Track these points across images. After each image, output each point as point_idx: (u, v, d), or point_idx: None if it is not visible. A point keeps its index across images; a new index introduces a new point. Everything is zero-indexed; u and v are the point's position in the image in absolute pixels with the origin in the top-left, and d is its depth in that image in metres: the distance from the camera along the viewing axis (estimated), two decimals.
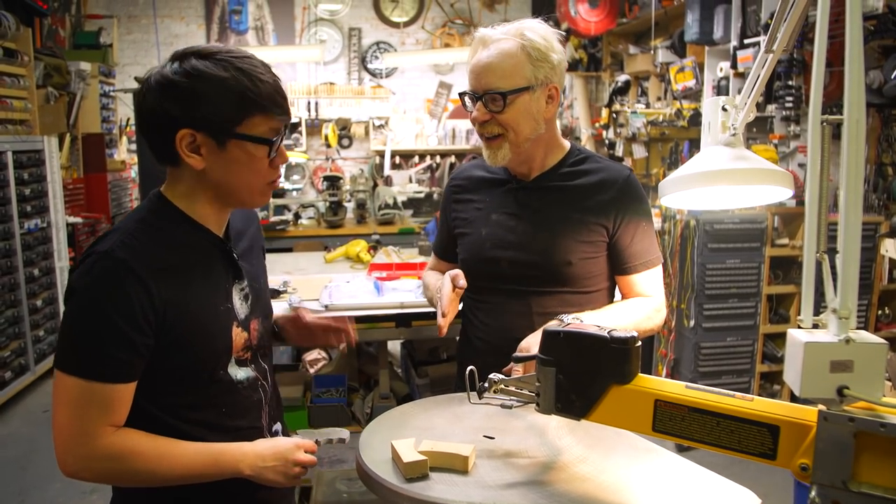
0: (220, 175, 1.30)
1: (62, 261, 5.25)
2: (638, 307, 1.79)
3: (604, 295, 1.85)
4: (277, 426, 1.52)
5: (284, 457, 1.35)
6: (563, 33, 1.82)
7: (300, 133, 8.26)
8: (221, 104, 1.24)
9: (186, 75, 1.24)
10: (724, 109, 1.40)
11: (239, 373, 1.40)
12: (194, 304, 1.31)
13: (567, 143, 1.86)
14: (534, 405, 1.23)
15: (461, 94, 1.77)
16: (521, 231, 1.79)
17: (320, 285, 3.34)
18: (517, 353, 1.35)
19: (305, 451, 1.38)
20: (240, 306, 1.41)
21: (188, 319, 1.29)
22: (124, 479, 1.31)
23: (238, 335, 1.38)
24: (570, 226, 1.76)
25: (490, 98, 1.68)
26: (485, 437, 1.38)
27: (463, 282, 1.67)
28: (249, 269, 1.47)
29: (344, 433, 1.51)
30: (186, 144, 1.26)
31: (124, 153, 7.79)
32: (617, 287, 1.88)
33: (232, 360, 1.38)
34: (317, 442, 1.45)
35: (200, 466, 1.29)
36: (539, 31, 1.69)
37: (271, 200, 6.23)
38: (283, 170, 1.40)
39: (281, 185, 6.93)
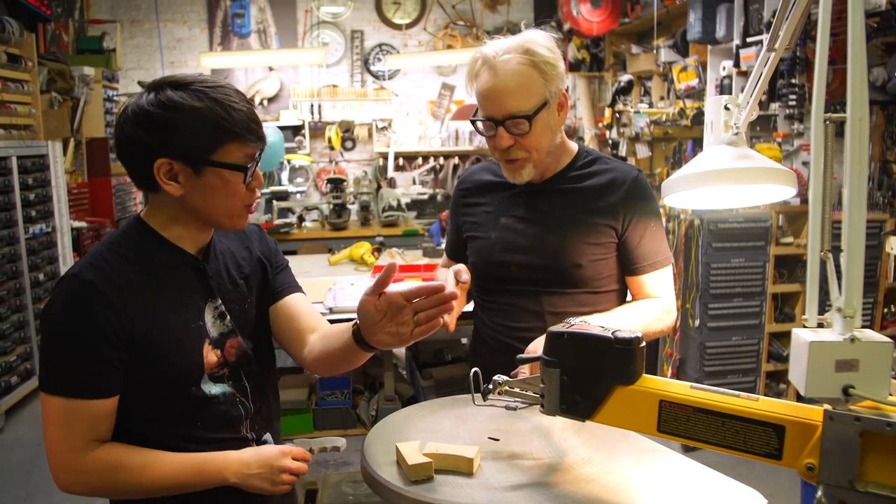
0: (197, 201, 1.33)
1: (67, 265, 5.26)
2: (647, 309, 1.78)
3: (615, 296, 1.85)
4: (267, 436, 1.51)
5: (270, 464, 1.36)
6: (559, 35, 1.81)
7: (303, 136, 8.27)
8: (196, 134, 1.27)
9: (162, 106, 1.27)
10: (726, 108, 1.39)
11: (214, 388, 1.40)
12: (162, 320, 1.32)
13: (574, 146, 1.85)
14: (538, 406, 1.23)
15: (473, 121, 1.72)
16: (530, 234, 1.78)
17: (324, 288, 3.34)
18: (521, 355, 1.35)
19: (294, 458, 1.39)
20: (212, 325, 1.41)
21: (156, 335, 1.31)
22: (113, 492, 1.34)
23: (209, 353, 1.39)
24: (580, 228, 1.76)
25: (513, 123, 1.65)
26: (489, 438, 1.38)
27: (466, 276, 1.65)
28: (232, 288, 1.46)
29: (339, 441, 1.50)
30: (164, 173, 1.29)
31: None
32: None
33: (205, 376, 1.39)
34: (310, 450, 1.45)
35: (184, 476, 1.32)
36: (542, 43, 1.66)
37: (275, 203, 6.25)
38: (259, 192, 1.43)
39: (285, 187, 6.94)
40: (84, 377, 1.26)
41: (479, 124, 1.71)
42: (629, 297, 1.89)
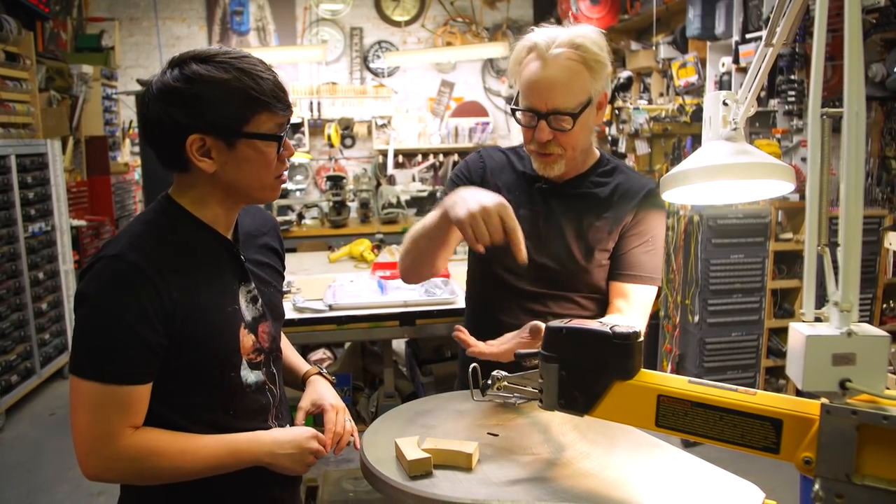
0: (231, 175, 1.31)
1: (67, 264, 5.26)
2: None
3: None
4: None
5: (301, 445, 1.37)
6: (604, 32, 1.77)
7: (303, 133, 8.27)
8: (228, 106, 1.25)
9: (189, 81, 1.24)
10: (724, 104, 1.39)
11: (250, 376, 1.40)
12: (202, 304, 1.31)
13: (598, 152, 1.84)
14: (537, 402, 1.23)
15: (514, 111, 1.67)
16: (545, 231, 1.76)
17: (324, 285, 3.34)
18: (520, 350, 1.35)
19: (319, 442, 1.41)
20: (246, 308, 1.41)
21: (196, 320, 1.29)
22: (146, 478, 1.31)
23: (245, 337, 1.38)
24: (592, 233, 1.74)
25: (556, 119, 1.62)
26: (488, 434, 1.38)
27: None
28: (260, 272, 1.47)
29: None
30: (197, 149, 1.27)
31: (127, 155, 7.80)
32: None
33: (244, 362, 1.39)
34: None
35: (220, 459, 1.31)
36: (594, 39, 1.63)
37: (275, 201, 6.24)
38: (288, 163, 1.45)
39: (284, 185, 6.93)
40: (123, 362, 1.23)
41: (519, 115, 1.67)
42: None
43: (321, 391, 1.58)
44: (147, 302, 1.23)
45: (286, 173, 1.40)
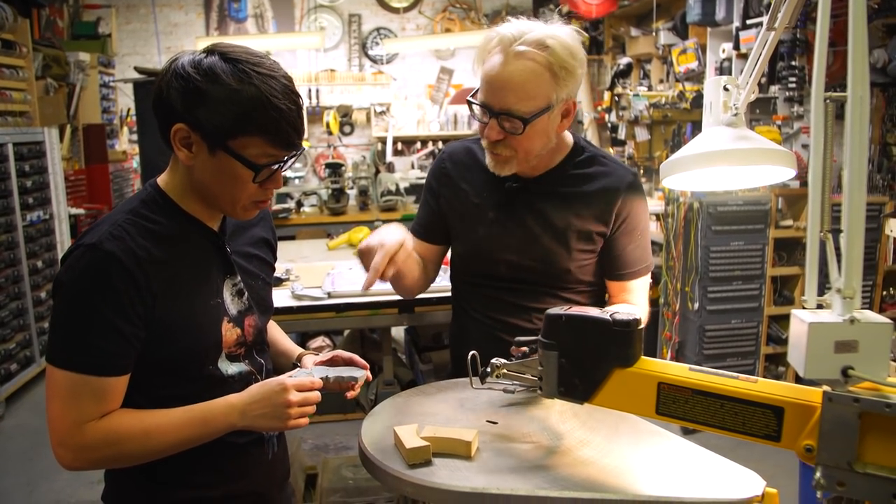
0: (205, 178, 1.29)
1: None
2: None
3: (600, 292, 1.82)
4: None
5: (271, 401, 1.29)
6: (584, 35, 1.74)
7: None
8: (220, 113, 1.21)
9: (201, 72, 1.22)
10: (725, 89, 1.38)
11: (230, 367, 1.38)
12: (182, 297, 1.29)
13: (570, 139, 1.75)
14: (537, 389, 1.22)
15: (470, 102, 1.60)
16: (521, 234, 1.71)
17: (323, 273, 3.33)
18: (520, 337, 1.34)
19: (299, 390, 1.31)
20: (231, 302, 1.39)
21: (176, 313, 1.28)
22: (120, 462, 1.30)
23: (229, 331, 1.37)
24: (572, 232, 1.70)
25: (507, 119, 1.54)
26: (488, 422, 1.38)
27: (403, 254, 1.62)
28: (247, 265, 1.45)
29: (358, 373, 1.46)
30: (180, 138, 1.25)
31: (125, 143, 7.78)
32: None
33: (222, 354, 1.37)
34: (326, 378, 1.40)
35: (189, 430, 1.28)
36: (567, 44, 1.52)
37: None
38: (274, 193, 1.37)
39: (283, 173, 6.91)
40: (98, 354, 1.21)
41: (476, 107, 1.61)
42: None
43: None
44: (124, 293, 1.21)
45: (271, 200, 1.36)
